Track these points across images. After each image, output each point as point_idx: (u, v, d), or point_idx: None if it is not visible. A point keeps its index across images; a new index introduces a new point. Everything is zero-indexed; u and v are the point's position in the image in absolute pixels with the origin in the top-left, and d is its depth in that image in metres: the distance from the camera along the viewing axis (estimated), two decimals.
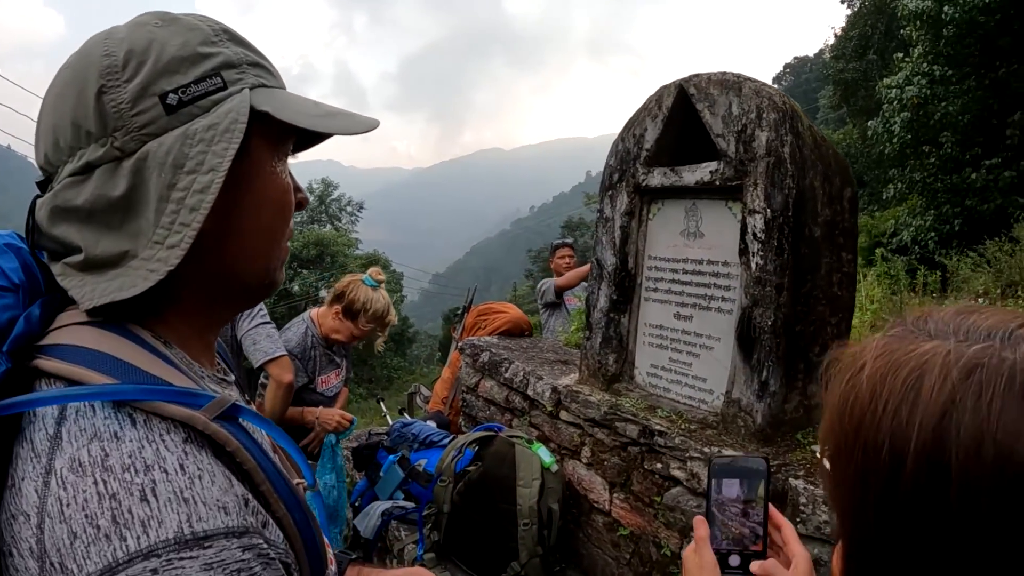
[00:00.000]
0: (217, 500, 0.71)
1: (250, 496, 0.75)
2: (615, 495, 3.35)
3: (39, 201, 0.84)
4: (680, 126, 3.26)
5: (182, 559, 0.66)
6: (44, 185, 0.85)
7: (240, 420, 0.82)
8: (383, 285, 4.21)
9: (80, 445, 0.70)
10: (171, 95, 0.81)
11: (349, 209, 56.67)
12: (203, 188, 0.80)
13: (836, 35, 32.12)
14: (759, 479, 1.15)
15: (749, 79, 2.94)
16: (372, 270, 4.26)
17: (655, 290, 3.41)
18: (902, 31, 18.10)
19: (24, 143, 31.68)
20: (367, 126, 0.95)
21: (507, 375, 4.21)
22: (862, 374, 0.74)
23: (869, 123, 17.69)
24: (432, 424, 4.77)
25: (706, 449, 2.86)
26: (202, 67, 0.84)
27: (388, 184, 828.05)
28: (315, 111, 0.93)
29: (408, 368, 43.25)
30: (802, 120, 2.87)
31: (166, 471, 0.69)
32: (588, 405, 3.45)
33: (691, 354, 3.23)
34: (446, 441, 4.36)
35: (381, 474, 4.28)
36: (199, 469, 0.71)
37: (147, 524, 0.66)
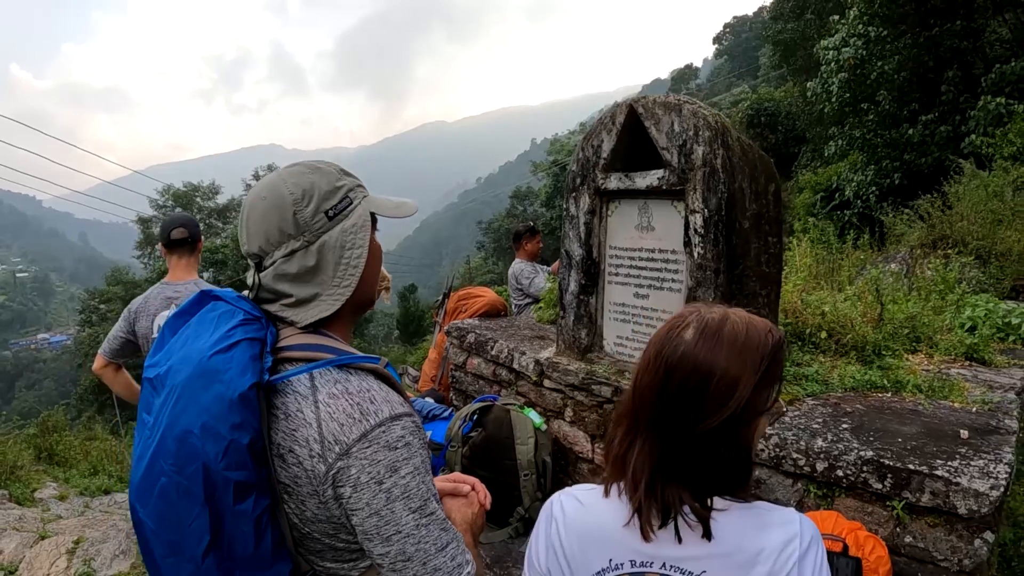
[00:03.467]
0: (399, 401, 1.39)
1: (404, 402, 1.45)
2: (596, 445, 4.11)
3: (263, 273, 1.47)
4: (630, 138, 3.95)
5: (392, 425, 1.33)
6: (259, 263, 1.48)
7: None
8: None
9: (329, 385, 1.35)
10: (329, 210, 1.47)
11: None
12: (358, 257, 1.50)
13: None
14: None
15: (688, 101, 3.63)
16: None
17: (616, 274, 4.13)
18: None
19: None
20: (415, 209, 1.71)
21: (493, 352, 4.93)
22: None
23: (808, 84, 17.97)
24: (431, 400, 5.41)
25: None
26: (339, 194, 1.50)
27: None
28: (390, 205, 1.63)
29: (367, 348, 43.53)
30: (731, 134, 3.55)
31: (371, 389, 1.36)
32: (567, 373, 4.19)
33: (649, 326, 3.95)
34: (446, 414, 5.02)
35: None
36: (383, 389, 1.39)
37: (375, 412, 1.33)
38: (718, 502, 1.33)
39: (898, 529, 2.74)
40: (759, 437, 1.37)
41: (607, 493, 1.41)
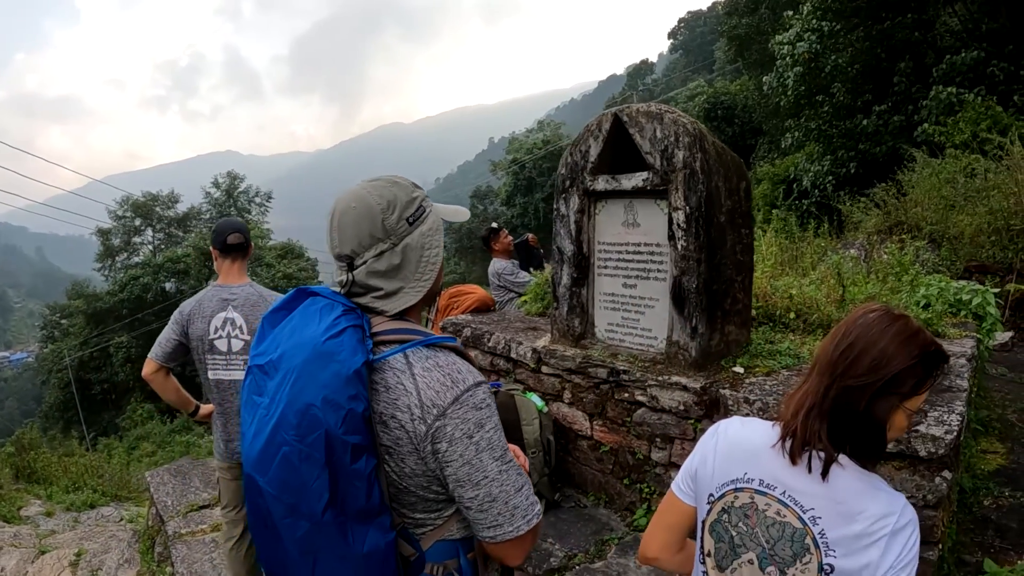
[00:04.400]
0: (476, 371, 1.70)
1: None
2: (595, 423, 4.55)
3: (357, 271, 1.71)
4: (615, 143, 4.38)
5: (477, 390, 1.63)
6: (350, 263, 1.78)
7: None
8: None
9: (422, 360, 1.63)
10: (410, 217, 1.74)
11: (258, 200, 54.88)
12: (436, 256, 1.81)
13: None
14: None
15: (669, 110, 4.06)
16: None
17: (605, 267, 4.58)
18: None
19: None
20: (468, 215, 2.06)
21: (490, 344, 5.34)
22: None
23: (764, 78, 18.15)
24: None
25: (660, 378, 4.05)
26: (416, 203, 1.79)
27: (291, 169, 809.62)
28: (450, 211, 1.97)
29: None
30: (707, 139, 3.99)
31: (456, 362, 1.66)
32: (564, 359, 4.63)
33: (638, 312, 4.41)
34: None
35: None
36: (463, 362, 1.69)
37: (463, 380, 1.62)
38: (843, 458, 1.66)
39: None
40: (895, 428, 1.69)
41: (773, 426, 1.78)
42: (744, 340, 4.36)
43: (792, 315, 4.79)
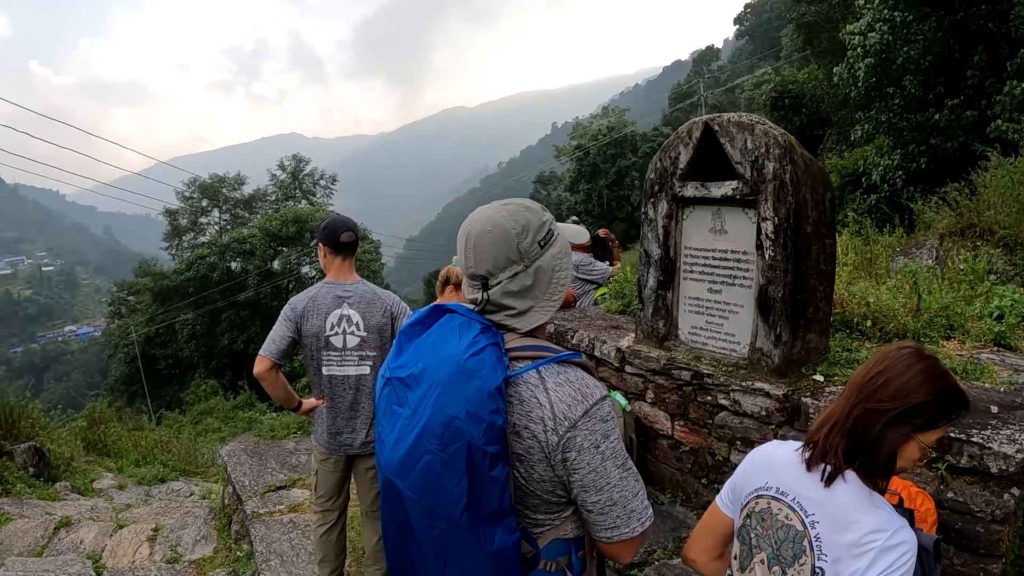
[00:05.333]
0: (601, 385, 1.80)
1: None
2: (676, 423, 4.68)
3: (492, 291, 1.81)
4: (704, 150, 4.49)
5: (603, 403, 1.74)
6: (484, 283, 1.83)
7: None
8: None
9: (554, 376, 1.74)
10: (541, 240, 1.84)
11: (322, 183, 55.47)
12: (565, 277, 1.91)
13: None
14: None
15: (760, 121, 4.15)
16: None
17: (691, 272, 4.70)
18: None
19: None
20: (588, 236, 2.34)
21: (573, 341, 5.50)
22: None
23: (834, 69, 17.67)
24: None
25: (743, 383, 4.18)
26: (546, 227, 1.86)
27: (354, 152, 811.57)
28: (572, 233, 2.35)
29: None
30: (797, 151, 4.07)
31: (584, 378, 1.77)
32: (648, 359, 4.77)
33: (722, 317, 4.52)
34: None
35: None
36: (589, 377, 1.80)
37: (591, 395, 1.73)
38: (849, 473, 1.84)
39: (942, 486, 3.29)
40: (906, 458, 1.87)
41: (801, 446, 1.98)
42: (823, 348, 4.43)
43: (868, 323, 4.83)
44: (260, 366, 4.09)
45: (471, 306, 1.88)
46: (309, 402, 4.32)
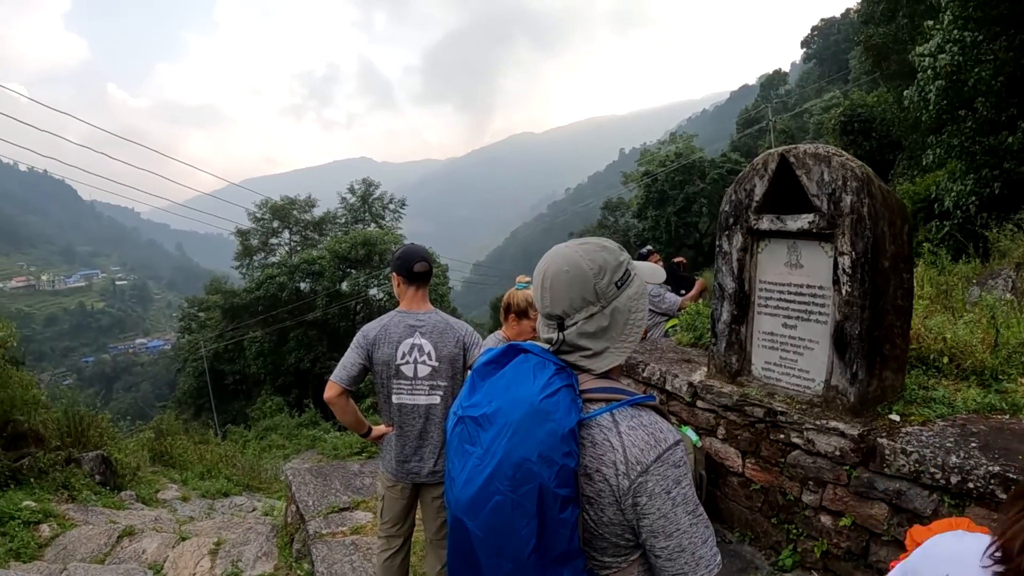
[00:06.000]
0: (674, 429, 1.76)
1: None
2: (747, 460, 4.60)
3: (567, 331, 1.82)
4: (779, 182, 4.42)
5: (676, 448, 1.70)
6: (560, 323, 1.84)
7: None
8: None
9: (627, 419, 1.72)
10: (618, 281, 1.83)
11: (392, 207, 56.02)
12: (641, 319, 1.90)
13: None
14: None
15: (836, 152, 4.09)
16: (519, 277, 4.92)
17: (766, 306, 4.62)
18: None
19: (60, 164, 31.01)
20: (664, 276, 2.16)
21: (645, 374, 5.45)
22: None
23: (905, 92, 17.43)
24: None
25: (817, 422, 4.08)
26: (623, 267, 1.88)
27: (424, 176, 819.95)
28: (648, 272, 2.05)
29: None
30: (874, 183, 3.99)
31: (658, 422, 1.74)
32: (721, 395, 4.70)
33: (796, 353, 4.43)
34: None
35: None
36: (663, 421, 1.76)
37: (664, 440, 1.70)
38: None
39: None
40: None
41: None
42: (899, 386, 4.32)
43: (945, 359, 4.69)
44: (330, 391, 4.14)
45: (545, 345, 1.89)
46: (378, 429, 4.36)
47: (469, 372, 2.22)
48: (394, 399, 4.20)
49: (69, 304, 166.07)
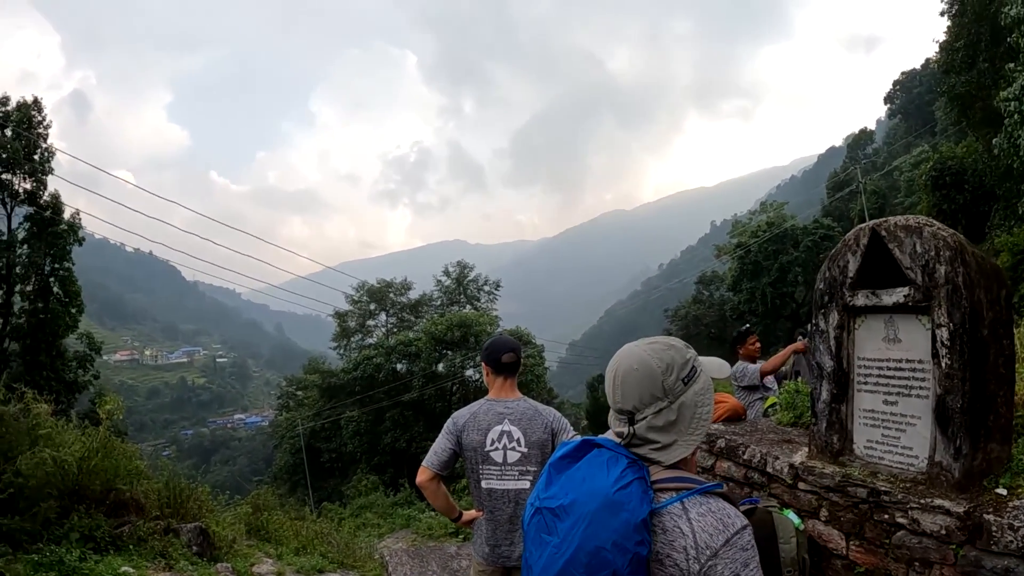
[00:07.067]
0: (741, 515, 1.88)
1: None
2: (851, 543, 4.42)
3: (637, 425, 1.97)
4: (872, 256, 4.35)
5: (743, 532, 1.81)
6: (631, 418, 1.98)
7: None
8: None
9: (696, 506, 1.84)
10: (685, 377, 1.99)
11: (487, 288, 57.08)
12: (707, 413, 2.03)
13: (941, 46, 30.73)
14: None
15: (927, 223, 4.01)
16: None
17: (865, 383, 4.49)
18: (1009, 39, 17.49)
19: (165, 247, 32.49)
20: (729, 370, 2.31)
21: (745, 456, 5.33)
22: None
23: (994, 140, 17.14)
24: None
25: (921, 500, 3.93)
26: (689, 364, 2.02)
27: (516, 257, 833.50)
28: (714, 368, 2.16)
29: None
30: (967, 250, 3.90)
31: (725, 508, 1.86)
32: (823, 476, 4.56)
33: (898, 430, 4.29)
34: None
35: None
36: (731, 507, 1.87)
37: (732, 525, 1.81)
38: None
39: None
40: None
41: None
42: (1005, 457, 4.13)
43: None
44: (422, 476, 4.31)
45: (617, 438, 2.01)
46: (469, 514, 4.47)
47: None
48: (483, 484, 4.30)
49: (171, 379, 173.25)
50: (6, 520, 6.20)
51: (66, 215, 34.54)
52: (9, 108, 33.34)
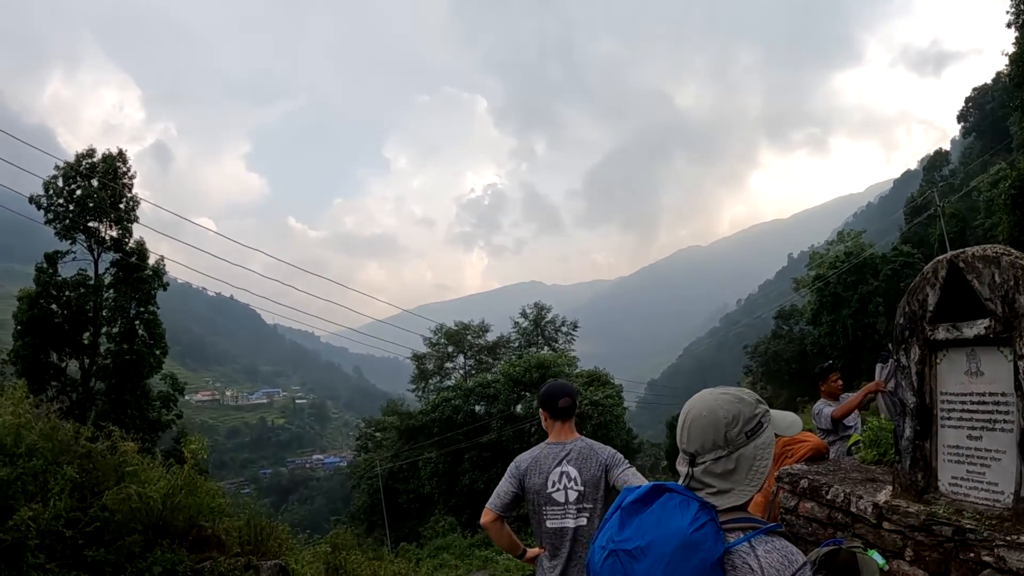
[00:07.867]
0: (802, 552, 2.02)
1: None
2: None
3: (697, 468, 2.09)
4: (951, 288, 4.28)
5: (806, 567, 1.93)
6: (692, 460, 2.10)
7: None
8: None
9: (763, 544, 1.95)
10: (748, 431, 2.10)
11: (564, 329, 57.06)
12: (765, 466, 2.13)
13: (1010, 58, 29.63)
14: None
15: (1005, 252, 3.94)
16: None
17: (948, 418, 4.40)
18: None
19: (245, 292, 33.25)
20: (801, 425, 2.37)
21: (828, 496, 5.23)
22: None
23: None
24: None
25: (1007, 537, 3.83)
26: (756, 419, 2.12)
27: (593, 297, 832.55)
28: (784, 424, 2.26)
29: None
30: None
31: (788, 545, 1.98)
32: (908, 515, 4.45)
33: (983, 465, 4.18)
34: None
35: None
36: (792, 545, 2.00)
37: (795, 560, 1.93)
38: None
39: None
40: None
41: None
42: None
43: None
44: (486, 517, 4.50)
45: (680, 479, 2.17)
46: (532, 551, 4.63)
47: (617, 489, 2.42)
48: (547, 524, 4.43)
49: (251, 419, 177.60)
50: (92, 552, 6.41)
51: (150, 261, 36.02)
52: (95, 160, 35.00)
